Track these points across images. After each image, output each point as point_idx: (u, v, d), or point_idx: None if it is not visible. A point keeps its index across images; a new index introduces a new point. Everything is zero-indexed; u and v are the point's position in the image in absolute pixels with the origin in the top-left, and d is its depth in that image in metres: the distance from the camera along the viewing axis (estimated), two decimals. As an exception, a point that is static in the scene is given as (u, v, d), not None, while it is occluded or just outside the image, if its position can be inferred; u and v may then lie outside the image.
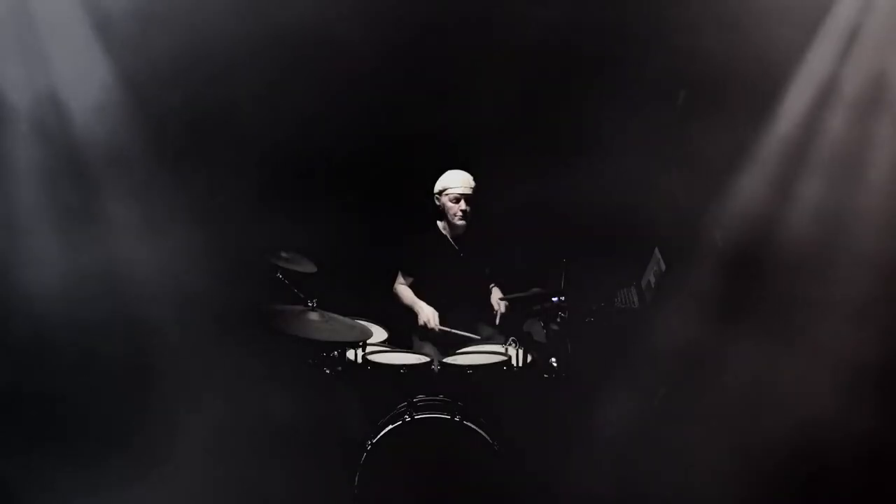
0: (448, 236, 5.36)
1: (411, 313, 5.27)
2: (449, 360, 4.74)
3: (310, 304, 4.36)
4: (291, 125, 5.36)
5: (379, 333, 5.03)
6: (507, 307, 5.28)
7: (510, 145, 5.76)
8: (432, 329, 5.15)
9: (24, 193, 4.74)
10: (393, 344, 4.99)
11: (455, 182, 5.25)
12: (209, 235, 5.10)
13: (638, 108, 5.39)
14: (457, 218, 5.25)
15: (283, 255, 5.02)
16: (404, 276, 5.38)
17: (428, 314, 5.19)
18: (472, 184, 5.25)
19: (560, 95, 5.67)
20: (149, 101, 4.97)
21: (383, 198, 5.86)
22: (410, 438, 4.30)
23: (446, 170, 5.33)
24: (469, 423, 4.32)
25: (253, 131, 5.31)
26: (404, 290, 5.35)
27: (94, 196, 4.92)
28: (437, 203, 5.32)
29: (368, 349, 4.68)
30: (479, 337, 5.11)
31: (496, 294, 5.44)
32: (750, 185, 5.10)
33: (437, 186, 5.30)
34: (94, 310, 4.77)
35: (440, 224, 5.38)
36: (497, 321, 5.21)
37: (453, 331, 5.11)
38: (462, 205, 5.22)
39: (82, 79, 4.80)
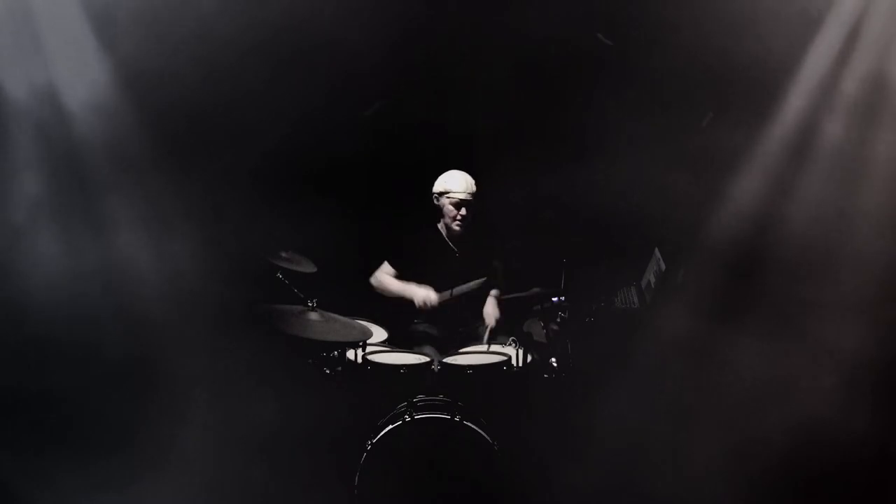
0: (445, 236, 5.33)
1: (402, 303, 5.19)
2: (449, 360, 4.74)
3: (310, 304, 4.36)
4: (291, 123, 5.36)
5: (379, 333, 5.02)
6: (497, 321, 5.23)
7: (510, 145, 5.76)
8: (433, 306, 5.07)
9: (23, 192, 4.74)
10: (393, 344, 4.99)
11: (457, 186, 5.17)
12: (209, 235, 5.10)
13: (638, 108, 5.39)
14: (455, 223, 5.20)
15: (283, 255, 5.02)
16: (391, 267, 5.28)
17: (422, 295, 5.11)
18: (474, 188, 5.18)
19: (560, 95, 5.67)
20: (148, 99, 4.96)
21: (384, 197, 5.86)
22: (410, 438, 4.30)
23: (448, 169, 5.29)
24: (469, 423, 4.32)
25: (253, 130, 5.30)
26: (390, 280, 5.25)
27: (93, 195, 4.91)
28: (436, 203, 5.27)
29: (368, 349, 4.68)
30: (481, 280, 5.00)
31: (489, 304, 5.37)
32: (750, 185, 5.10)
33: (438, 187, 5.23)
34: (94, 309, 4.77)
35: (438, 224, 5.34)
36: (485, 338, 5.08)
37: (455, 290, 5.03)
38: (462, 211, 5.16)
39: (81, 77, 4.80)
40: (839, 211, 4.75)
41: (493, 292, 5.44)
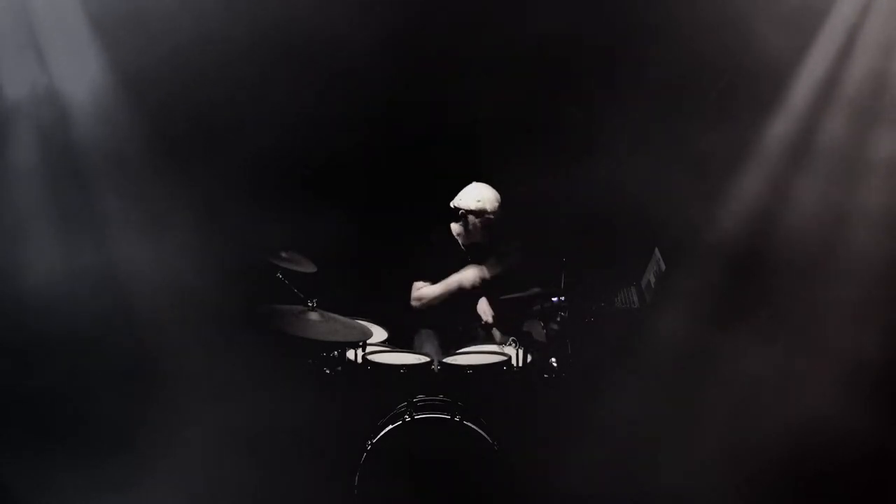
0: (461, 243, 5.29)
1: (446, 306, 5.18)
2: (449, 360, 4.73)
3: (310, 304, 4.36)
4: (291, 123, 5.36)
5: (379, 333, 5.02)
6: (493, 317, 5.21)
7: (510, 146, 5.75)
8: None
9: (23, 193, 4.75)
10: (393, 344, 4.99)
11: (493, 207, 5.11)
12: (209, 235, 5.10)
13: (639, 108, 5.38)
14: (479, 239, 5.18)
15: (283, 255, 5.02)
16: (422, 283, 5.23)
17: (471, 275, 5.10)
18: (500, 201, 5.16)
19: (561, 96, 5.67)
20: (148, 100, 4.97)
21: (384, 197, 5.85)
22: (410, 438, 4.30)
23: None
24: (469, 423, 4.32)
25: (252, 129, 5.30)
26: (431, 289, 5.18)
27: (93, 195, 4.92)
28: (460, 216, 5.19)
29: (368, 349, 4.68)
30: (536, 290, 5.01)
31: (483, 302, 5.32)
32: (750, 185, 5.10)
33: (471, 205, 5.14)
34: (94, 309, 4.78)
35: (453, 228, 5.30)
36: (498, 337, 5.09)
37: (511, 296, 5.04)
38: (491, 231, 5.14)
39: (81, 78, 4.81)
40: (839, 211, 4.75)
41: (483, 298, 5.41)
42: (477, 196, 5.16)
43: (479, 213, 5.14)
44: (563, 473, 4.48)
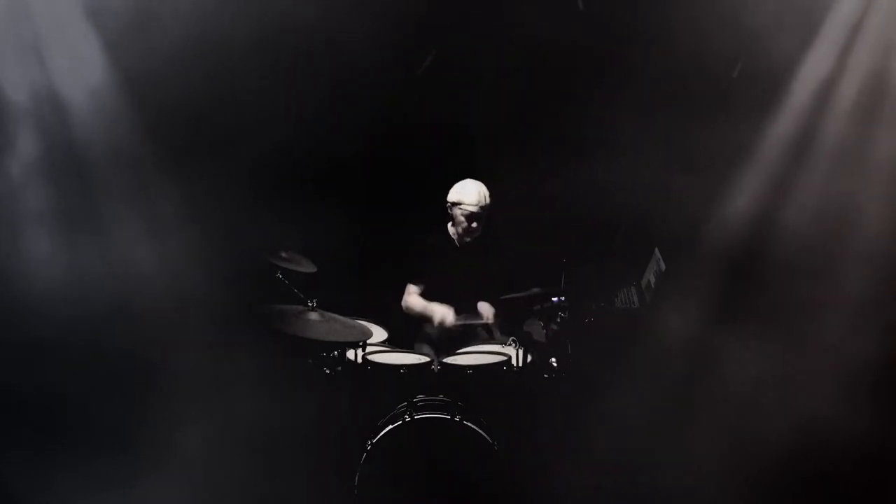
0: (456, 242, 5.30)
1: (423, 319, 5.21)
2: (449, 360, 4.73)
3: (310, 304, 4.36)
4: (291, 124, 5.36)
5: (379, 333, 5.02)
6: (495, 315, 5.20)
7: (511, 146, 5.75)
8: (449, 326, 5.06)
9: (23, 193, 4.75)
10: (393, 344, 4.99)
11: (470, 198, 5.10)
12: (209, 235, 5.11)
13: (638, 108, 5.38)
14: (465, 234, 5.17)
15: (283, 255, 5.02)
16: (415, 286, 5.26)
17: (440, 313, 5.09)
18: (487, 201, 5.11)
19: (562, 96, 5.67)
20: (148, 100, 4.97)
21: (385, 197, 5.86)
22: (410, 438, 4.30)
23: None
24: (469, 423, 4.32)
25: (253, 130, 5.30)
26: (415, 301, 5.22)
27: (93, 195, 4.92)
28: (449, 211, 5.22)
29: (368, 349, 4.68)
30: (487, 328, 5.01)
31: (483, 304, 5.30)
32: (750, 185, 5.10)
33: (452, 197, 5.16)
34: (94, 309, 4.78)
35: (450, 229, 5.30)
36: (497, 335, 5.10)
37: (468, 322, 5.07)
38: (473, 223, 5.11)
39: (82, 78, 4.81)
40: (839, 210, 4.75)
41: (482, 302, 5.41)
42: (459, 189, 5.15)
43: (458, 205, 5.13)
44: (563, 473, 4.48)
